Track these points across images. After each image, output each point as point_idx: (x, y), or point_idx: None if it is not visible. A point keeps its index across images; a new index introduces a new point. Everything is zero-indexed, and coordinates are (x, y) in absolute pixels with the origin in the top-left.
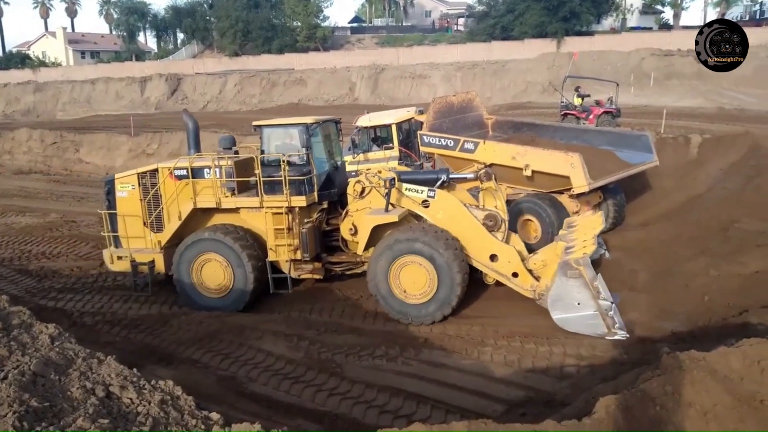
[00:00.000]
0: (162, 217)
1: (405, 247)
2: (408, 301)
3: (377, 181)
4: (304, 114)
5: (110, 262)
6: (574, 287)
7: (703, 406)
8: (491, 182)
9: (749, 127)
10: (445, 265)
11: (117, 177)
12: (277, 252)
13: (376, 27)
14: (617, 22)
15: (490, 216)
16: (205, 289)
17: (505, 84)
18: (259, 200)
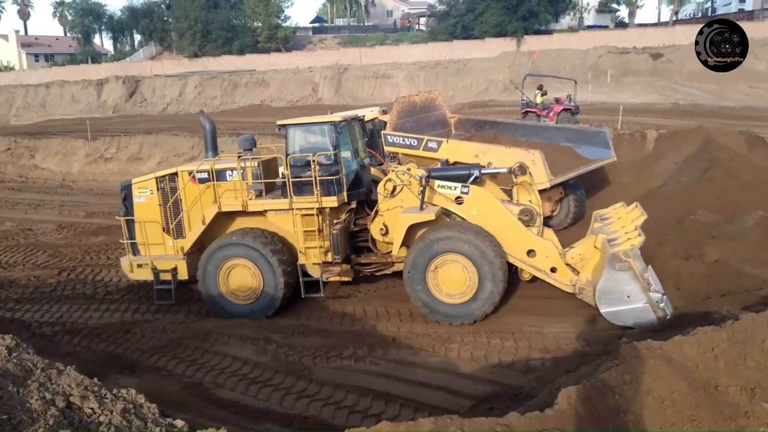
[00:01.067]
0: (183, 223)
1: (444, 245)
2: (447, 300)
3: (408, 179)
4: (268, 115)
5: (129, 271)
6: (623, 280)
7: (661, 394)
8: (526, 176)
9: (702, 121)
10: (486, 264)
11: (134, 182)
12: (307, 254)
13: (338, 27)
14: (575, 21)
15: (525, 211)
16: (233, 295)
17: (467, 83)
18: (289, 202)
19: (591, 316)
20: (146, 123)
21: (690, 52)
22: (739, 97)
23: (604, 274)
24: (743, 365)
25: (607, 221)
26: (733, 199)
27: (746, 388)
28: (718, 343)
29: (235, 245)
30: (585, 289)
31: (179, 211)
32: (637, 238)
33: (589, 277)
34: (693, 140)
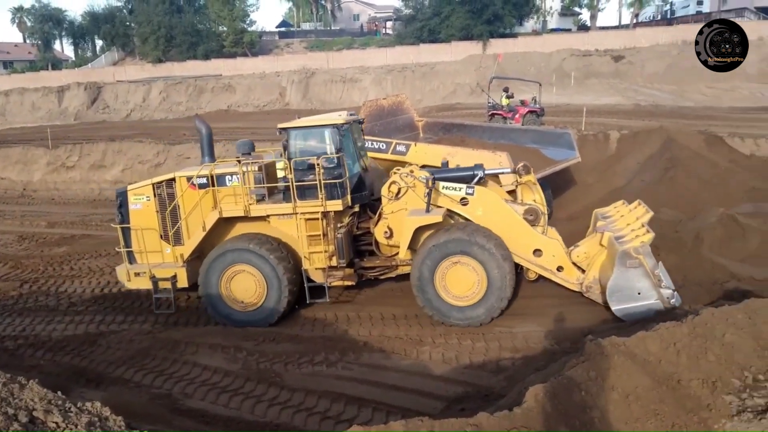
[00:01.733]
0: (181, 229)
1: (453, 247)
2: (455, 303)
3: (412, 181)
4: (235, 120)
5: (126, 280)
6: (634, 277)
7: (625, 389)
8: (530, 175)
9: (663, 121)
10: (494, 265)
11: (130, 189)
12: (311, 259)
13: (305, 31)
14: (538, 24)
15: (530, 210)
16: (236, 302)
17: (435, 86)
18: (292, 206)
19: (559, 315)
20: (109, 130)
21: (650, 54)
22: (698, 98)
23: (614, 271)
24: (704, 359)
25: (611, 219)
26: (694, 197)
27: (708, 381)
28: (680, 338)
29: (238, 251)
30: (592, 287)
31: (178, 218)
32: (646, 234)
33: (596, 275)
34: (654, 140)
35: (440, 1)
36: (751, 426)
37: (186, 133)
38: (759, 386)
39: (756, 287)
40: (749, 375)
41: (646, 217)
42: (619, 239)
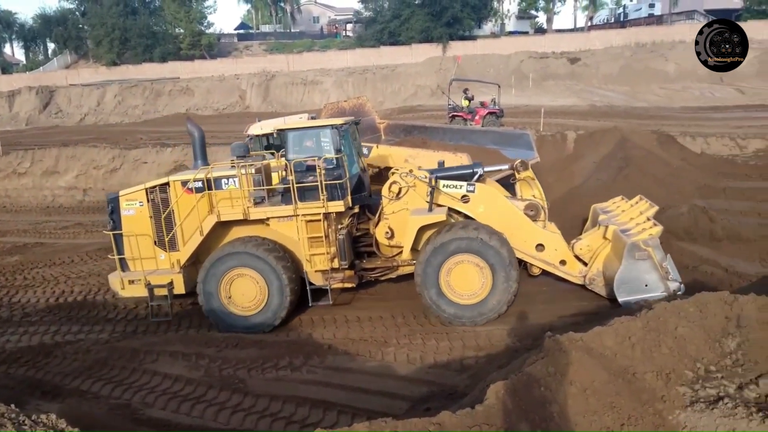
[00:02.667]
0: (176, 235)
1: (457, 246)
2: (460, 302)
3: (413, 181)
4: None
5: (120, 288)
6: (642, 269)
7: (583, 383)
8: (528, 171)
9: (617, 122)
10: (500, 263)
11: (122, 194)
12: (312, 262)
13: (264, 33)
14: (497, 27)
15: (530, 206)
16: (236, 307)
17: (396, 88)
18: (293, 208)
19: (521, 312)
20: (62, 135)
21: (604, 57)
22: (651, 98)
23: (623, 263)
24: (658, 352)
25: (612, 214)
26: (647, 195)
27: (662, 373)
28: (635, 332)
29: (238, 255)
30: (595, 280)
31: (173, 223)
32: (654, 227)
33: (600, 267)
34: (609, 140)
35: (400, 4)
36: (704, 416)
37: (143, 137)
38: (710, 377)
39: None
40: (701, 366)
41: (651, 211)
42: (625, 232)
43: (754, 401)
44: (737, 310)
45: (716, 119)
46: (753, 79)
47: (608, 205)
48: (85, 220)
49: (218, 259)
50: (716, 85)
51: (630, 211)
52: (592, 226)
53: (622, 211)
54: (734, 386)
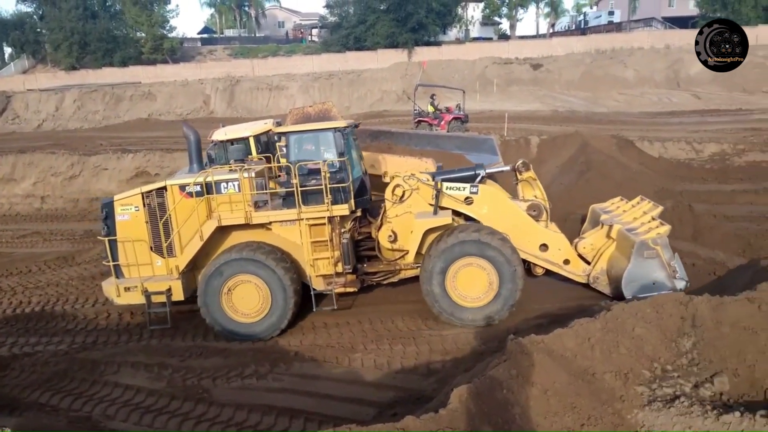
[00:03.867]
0: (174, 240)
1: (463, 249)
2: (466, 304)
3: (416, 184)
4: (158, 129)
5: (116, 296)
6: (650, 267)
7: (544, 385)
8: (530, 172)
9: (578, 127)
10: (506, 264)
11: (117, 199)
12: (316, 266)
13: (228, 38)
14: (461, 33)
15: (533, 206)
16: (238, 314)
17: (362, 93)
18: (297, 212)
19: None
20: (19, 141)
21: (566, 63)
22: (611, 104)
23: (632, 261)
24: (617, 352)
25: (614, 213)
26: (607, 198)
27: (620, 373)
28: (594, 333)
29: (241, 261)
30: (599, 279)
31: (170, 228)
32: (662, 227)
33: (604, 266)
34: (571, 144)
35: (365, 10)
36: (661, 415)
37: (103, 143)
38: (667, 376)
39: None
40: (658, 366)
41: (656, 211)
42: (631, 231)
43: (709, 399)
44: (692, 311)
45: (673, 124)
46: (708, 85)
47: (608, 206)
48: (43, 229)
49: (221, 265)
50: (673, 90)
51: (632, 211)
52: (591, 226)
53: (624, 211)
54: (690, 385)
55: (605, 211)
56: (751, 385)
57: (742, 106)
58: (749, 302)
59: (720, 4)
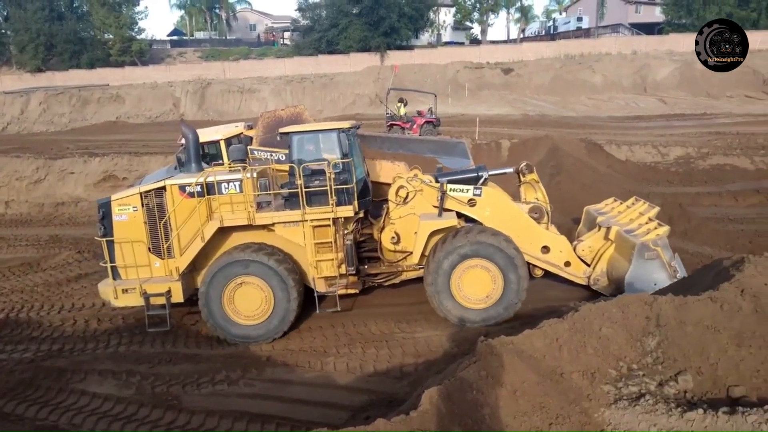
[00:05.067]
0: (173, 241)
1: (468, 251)
2: (471, 306)
3: (419, 185)
4: (126, 132)
5: (113, 297)
6: (651, 268)
7: (513, 385)
8: (533, 174)
9: (549, 130)
10: (512, 266)
11: (114, 198)
12: (319, 268)
13: (199, 40)
14: (433, 37)
15: (535, 208)
16: (240, 316)
17: (335, 96)
18: (301, 213)
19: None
20: None
21: (536, 68)
22: (580, 108)
23: (633, 263)
24: (584, 352)
25: (609, 215)
26: (576, 201)
27: (587, 372)
28: (562, 334)
29: (244, 262)
30: (600, 280)
31: (169, 229)
32: (661, 227)
33: (604, 268)
34: (541, 148)
35: (337, 13)
36: (627, 413)
37: (69, 146)
38: (632, 375)
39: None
40: (624, 365)
41: (652, 212)
42: (630, 233)
43: (674, 397)
44: (656, 310)
45: (640, 128)
46: (674, 90)
47: (602, 207)
48: (8, 234)
49: (223, 266)
50: (640, 95)
51: (628, 212)
52: (586, 228)
53: (619, 213)
54: (655, 383)
55: (600, 213)
56: (713, 382)
57: (706, 111)
58: (711, 302)
59: (685, 11)
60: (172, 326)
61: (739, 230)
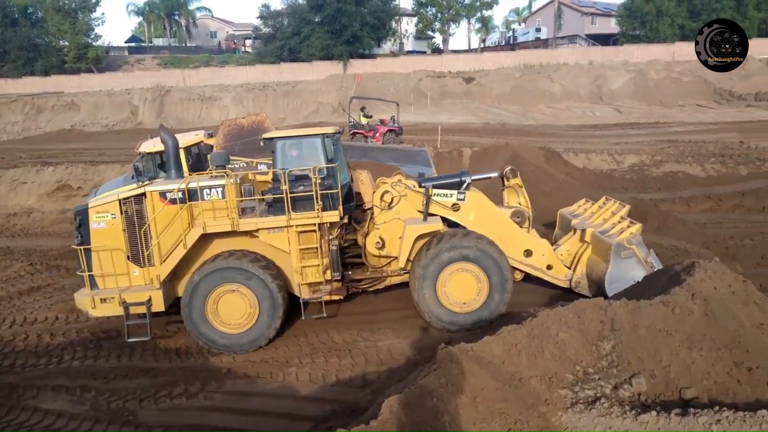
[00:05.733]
0: (153, 248)
1: (453, 255)
2: (456, 309)
3: (404, 190)
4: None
5: (91, 307)
6: (629, 266)
7: (473, 392)
8: (517, 179)
9: (509, 138)
10: (497, 270)
11: (91, 205)
12: (304, 274)
13: (157, 47)
14: (395, 47)
15: (517, 212)
16: (224, 324)
17: (297, 104)
18: (287, 218)
19: (420, 325)
20: None
21: (497, 77)
22: (539, 116)
23: (611, 263)
24: (542, 357)
25: (583, 216)
26: (537, 208)
27: (545, 377)
28: (520, 340)
29: (228, 270)
30: (581, 283)
31: (150, 236)
32: (634, 226)
33: (583, 270)
34: (502, 156)
35: (299, 21)
36: (583, 417)
37: (22, 155)
38: (589, 379)
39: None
40: (580, 369)
41: (623, 210)
42: (604, 234)
43: (628, 400)
44: (611, 315)
45: (596, 136)
46: (629, 99)
47: (575, 209)
48: None
49: (207, 274)
50: (596, 104)
51: (600, 212)
52: (562, 231)
53: (592, 213)
54: (610, 386)
55: (574, 215)
56: (666, 385)
57: (660, 120)
58: (664, 306)
59: (639, 23)
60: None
61: None
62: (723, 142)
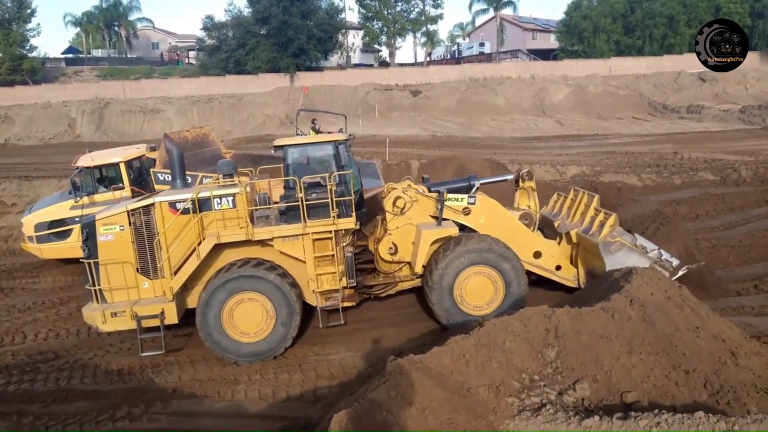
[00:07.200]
0: (163, 260)
1: (470, 259)
2: (473, 313)
3: (415, 195)
4: (17, 155)
5: (102, 322)
6: (622, 257)
7: (422, 403)
8: (531, 182)
9: (455, 150)
10: (513, 273)
11: (98, 218)
12: (319, 281)
13: (96, 58)
14: (342, 59)
15: (525, 215)
16: (240, 333)
17: (244, 117)
18: (302, 226)
19: (372, 337)
20: None
21: (443, 90)
22: (485, 129)
23: (605, 260)
24: (489, 366)
25: (561, 216)
26: None
27: (492, 386)
28: (468, 349)
29: (245, 278)
30: (588, 281)
31: (158, 248)
32: (609, 218)
33: (584, 268)
34: (448, 167)
35: (245, 33)
36: (530, 424)
37: None
38: (534, 386)
39: None
40: (526, 376)
41: (595, 201)
42: (587, 232)
43: (572, 405)
44: (555, 322)
45: (540, 148)
46: (569, 112)
47: (551, 209)
48: None
49: (223, 283)
50: (539, 117)
51: (576, 208)
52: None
53: (568, 209)
54: (555, 393)
55: (554, 216)
56: (608, 389)
57: (598, 132)
58: (604, 312)
59: (577, 38)
60: (68, 361)
61: None
62: (658, 153)
